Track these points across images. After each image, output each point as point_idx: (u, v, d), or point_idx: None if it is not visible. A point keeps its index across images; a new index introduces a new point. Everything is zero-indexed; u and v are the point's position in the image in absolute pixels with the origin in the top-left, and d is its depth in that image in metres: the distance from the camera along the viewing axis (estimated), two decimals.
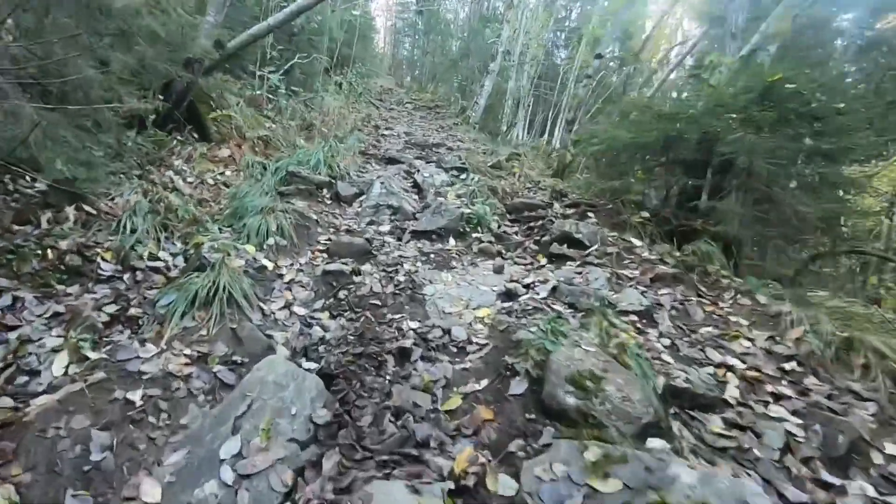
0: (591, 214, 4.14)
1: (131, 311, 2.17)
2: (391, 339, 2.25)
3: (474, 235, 3.77)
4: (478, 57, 12.72)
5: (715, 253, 3.22)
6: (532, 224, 4.06)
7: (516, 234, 4.00)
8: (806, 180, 3.53)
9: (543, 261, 3.36)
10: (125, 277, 2.39)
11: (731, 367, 2.10)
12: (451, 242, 3.64)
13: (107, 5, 2.46)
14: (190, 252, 2.72)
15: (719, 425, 1.78)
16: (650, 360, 2.03)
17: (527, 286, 2.85)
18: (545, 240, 3.61)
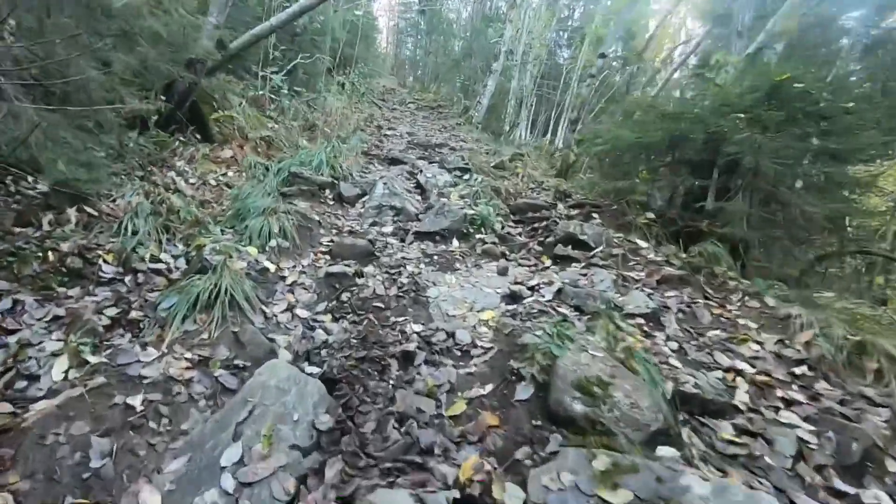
0: (595, 215, 4.10)
1: (132, 314, 2.15)
2: (394, 342, 2.22)
3: (478, 237, 3.73)
4: (480, 57, 12.70)
5: (722, 254, 3.18)
6: (536, 225, 4.02)
7: (520, 235, 3.96)
8: (812, 180, 3.49)
9: (548, 262, 3.32)
10: (126, 280, 2.37)
11: (740, 372, 2.06)
12: (455, 244, 3.61)
13: (107, 6, 2.45)
14: (192, 254, 2.70)
15: (730, 432, 1.75)
16: (658, 365, 1.99)
17: (531, 288, 2.81)
18: (549, 241, 3.57)
